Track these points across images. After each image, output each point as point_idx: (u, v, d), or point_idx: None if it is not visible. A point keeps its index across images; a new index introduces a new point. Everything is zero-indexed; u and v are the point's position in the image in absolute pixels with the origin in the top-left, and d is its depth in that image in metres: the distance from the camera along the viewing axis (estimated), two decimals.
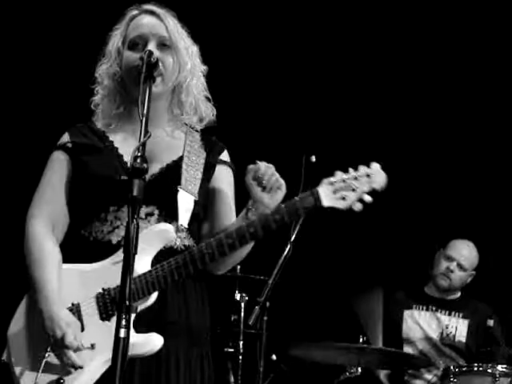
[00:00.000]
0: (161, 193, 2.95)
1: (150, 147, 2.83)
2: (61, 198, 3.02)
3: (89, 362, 2.78)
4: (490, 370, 4.94)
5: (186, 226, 2.97)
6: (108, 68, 3.10)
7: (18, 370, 2.84)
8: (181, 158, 3.03)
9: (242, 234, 2.81)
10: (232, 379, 5.40)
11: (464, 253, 5.86)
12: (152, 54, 2.82)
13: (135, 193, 2.38)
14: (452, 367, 5.06)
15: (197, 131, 3.17)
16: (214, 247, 2.80)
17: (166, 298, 2.87)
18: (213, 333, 3.11)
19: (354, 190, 2.79)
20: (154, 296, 2.81)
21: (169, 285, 2.81)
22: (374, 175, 2.81)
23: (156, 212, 2.94)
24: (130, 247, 2.35)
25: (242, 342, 5.41)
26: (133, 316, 2.78)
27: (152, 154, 2.95)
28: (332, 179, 2.81)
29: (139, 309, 2.81)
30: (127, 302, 2.33)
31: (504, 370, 4.94)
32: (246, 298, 5.47)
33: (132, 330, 2.72)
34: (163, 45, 3.02)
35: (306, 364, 5.62)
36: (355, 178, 2.80)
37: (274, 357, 5.50)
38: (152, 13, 3.08)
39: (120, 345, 2.29)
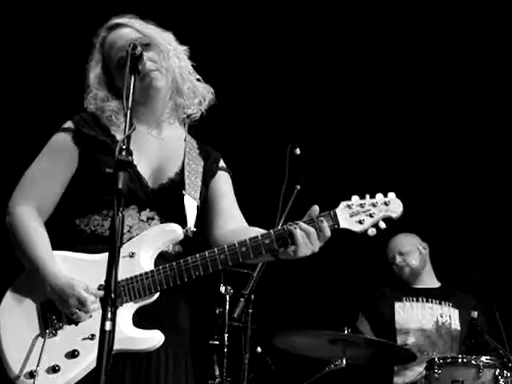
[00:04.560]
0: (165, 201, 3.01)
1: (159, 157, 3.04)
2: (54, 187, 3.01)
3: (88, 353, 2.78)
4: (474, 362, 4.96)
5: (194, 229, 3.02)
6: (96, 94, 3.11)
7: (8, 352, 2.83)
8: (183, 166, 3.09)
9: (257, 244, 2.85)
10: (217, 372, 5.39)
11: (394, 244, 6.10)
12: (136, 47, 2.79)
13: (120, 185, 2.38)
14: (436, 359, 5.07)
15: (192, 133, 3.24)
16: (227, 253, 2.84)
17: (158, 297, 2.90)
18: (198, 325, 3.12)
19: (371, 215, 2.87)
20: (157, 294, 2.86)
21: (176, 285, 2.86)
22: (392, 204, 2.91)
23: (156, 217, 2.99)
24: (115, 239, 2.34)
25: (227, 335, 5.40)
26: (133, 311, 2.84)
27: (161, 164, 3.06)
28: (349, 202, 2.89)
29: (139, 305, 2.85)
30: (112, 295, 2.33)
31: (488, 361, 4.96)
32: (231, 291, 5.46)
33: (132, 326, 2.82)
34: (144, 45, 3.03)
35: (291, 356, 5.62)
36: (373, 205, 2.89)
37: (259, 349, 5.50)
38: (116, 26, 3.12)
39: (105, 338, 2.28)
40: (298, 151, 4.77)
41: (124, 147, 2.45)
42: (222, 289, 5.47)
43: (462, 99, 6.63)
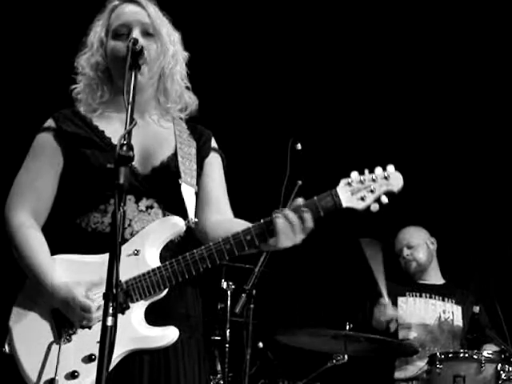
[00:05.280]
0: (161, 187, 2.97)
1: (145, 141, 2.94)
2: (46, 186, 2.99)
3: None
4: (475, 356, 4.96)
5: (196, 219, 2.99)
6: (89, 58, 3.08)
7: (25, 362, 2.80)
8: (175, 151, 3.04)
9: (262, 231, 2.81)
10: (219, 367, 5.40)
11: (403, 236, 6.10)
12: (137, 42, 2.80)
13: (121, 180, 2.38)
14: (438, 353, 5.07)
15: (181, 119, 3.19)
16: (232, 242, 2.81)
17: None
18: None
19: (372, 191, 2.81)
20: (166, 289, 2.84)
21: (185, 279, 2.83)
22: (392, 177, 2.83)
23: (156, 205, 2.96)
24: (116, 235, 2.34)
25: (228, 330, 5.41)
26: (144, 309, 2.82)
27: (149, 147, 2.99)
28: (349, 180, 2.82)
29: (150, 302, 2.83)
30: (114, 291, 2.32)
31: (490, 356, 4.97)
32: (233, 287, 5.47)
33: (145, 324, 2.80)
34: (147, 33, 3.02)
35: (293, 351, 5.62)
36: (373, 180, 2.82)
37: (260, 344, 5.50)
38: (133, 1, 3.08)
39: (107, 333, 2.28)
40: (299, 146, 4.76)
41: (125, 142, 2.45)
42: (224, 284, 5.47)
43: (471, 102, 6.63)
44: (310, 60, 6.58)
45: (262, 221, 2.83)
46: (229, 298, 5.47)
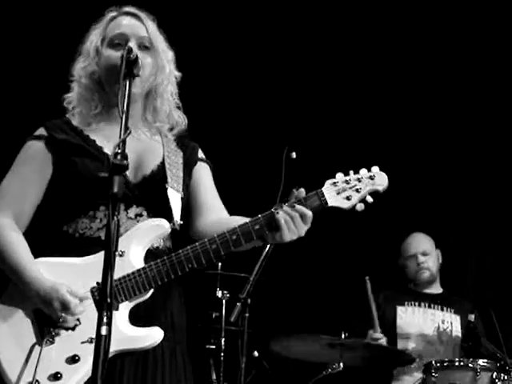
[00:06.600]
0: (151, 194, 2.98)
1: (137, 151, 2.96)
2: (31, 193, 2.99)
3: (88, 357, 2.69)
4: (471, 365, 4.95)
5: (181, 222, 2.99)
6: (86, 66, 3.09)
7: (5, 363, 2.79)
8: (163, 159, 3.06)
9: (247, 230, 2.84)
10: (214, 376, 5.39)
11: (419, 242, 5.98)
12: (132, 51, 2.79)
13: (115, 189, 2.37)
14: (433, 362, 5.06)
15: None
16: (218, 241, 2.82)
17: (151, 296, 2.87)
18: (194, 329, 3.11)
19: (357, 190, 2.86)
20: (151, 290, 2.84)
21: (170, 279, 2.83)
22: (377, 177, 2.88)
23: (145, 213, 2.97)
24: (110, 244, 2.33)
25: (223, 339, 5.41)
26: (128, 310, 2.82)
27: (140, 157, 3.01)
28: (334, 180, 2.88)
29: (134, 303, 2.83)
30: (108, 300, 2.32)
31: (485, 364, 4.96)
32: (228, 295, 5.46)
33: (130, 325, 2.81)
34: (144, 46, 3.03)
35: (288, 360, 5.61)
36: (358, 180, 2.87)
37: (255, 353, 5.50)
38: (133, 14, 3.11)
39: (101, 343, 2.27)
40: (294, 155, 4.76)
41: (119, 151, 2.45)
42: (219, 293, 5.47)
43: (466, 108, 6.64)
44: (304, 70, 6.58)
45: (247, 220, 2.85)
46: (224, 307, 5.46)
